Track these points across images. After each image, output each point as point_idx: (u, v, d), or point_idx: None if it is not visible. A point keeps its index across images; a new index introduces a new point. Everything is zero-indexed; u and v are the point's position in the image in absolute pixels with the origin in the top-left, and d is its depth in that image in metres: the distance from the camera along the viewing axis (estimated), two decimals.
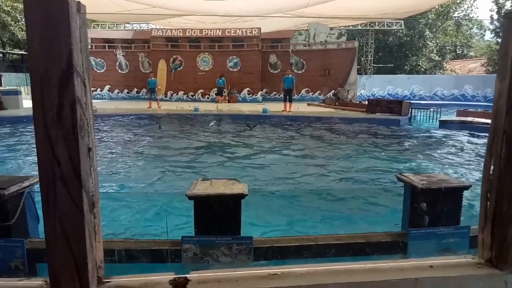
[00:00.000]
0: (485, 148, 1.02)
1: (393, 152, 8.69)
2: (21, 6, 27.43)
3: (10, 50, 32.77)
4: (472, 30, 40.43)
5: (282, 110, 15.70)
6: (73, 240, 0.82)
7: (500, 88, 0.94)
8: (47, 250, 0.83)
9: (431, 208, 2.59)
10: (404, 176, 2.86)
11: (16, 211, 2.60)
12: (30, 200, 2.80)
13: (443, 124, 12.16)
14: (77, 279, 0.84)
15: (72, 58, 0.76)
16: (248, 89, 21.59)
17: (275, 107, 16.10)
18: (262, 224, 4.14)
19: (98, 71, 22.42)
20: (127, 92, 22.70)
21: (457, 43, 38.45)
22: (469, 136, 10.60)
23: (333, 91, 20.61)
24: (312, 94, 21.97)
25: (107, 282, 0.92)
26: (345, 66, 21.20)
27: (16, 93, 16.40)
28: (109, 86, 22.70)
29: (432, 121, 13.52)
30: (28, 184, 2.70)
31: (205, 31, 21.47)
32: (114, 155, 8.06)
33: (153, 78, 17.48)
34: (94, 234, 0.87)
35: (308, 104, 19.22)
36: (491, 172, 0.99)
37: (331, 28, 22.30)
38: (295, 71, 21.31)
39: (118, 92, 22.82)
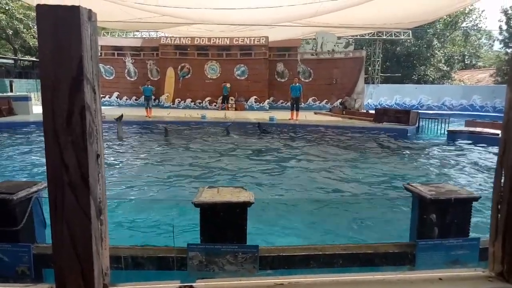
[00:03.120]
0: (493, 159, 1.00)
1: (400, 162, 8.63)
2: (33, 13, 27.92)
3: (22, 57, 33.34)
4: (480, 40, 40.31)
5: (289, 119, 15.72)
6: (79, 246, 0.82)
7: (511, 99, 0.93)
8: (53, 256, 0.83)
9: (440, 219, 2.55)
10: (412, 186, 2.83)
11: (23, 216, 2.62)
12: (38, 205, 2.82)
13: (451, 135, 12.05)
14: (83, 285, 0.84)
15: (82, 65, 0.77)
16: (255, 97, 21.67)
17: (282, 115, 16.13)
18: (267, 232, 4.12)
19: (107, 78, 22.67)
20: (135, 99, 22.88)
21: (466, 53, 38.32)
22: (477, 146, 10.49)
23: (340, 100, 20.59)
24: (319, 103, 21.97)
25: None
26: (353, 75, 21.20)
27: (26, 99, 16.63)
28: (118, 93, 22.93)
29: (440, 131, 13.41)
30: (36, 189, 2.72)
31: (213, 40, 21.66)
32: (121, 163, 8.11)
33: (149, 86, 17.19)
34: (101, 241, 0.87)
35: (315, 113, 19.21)
36: (502, 184, 0.97)
37: (339, 37, 22.34)
38: (303, 79, 21.35)
39: (126, 99, 23.04)
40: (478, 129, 11.91)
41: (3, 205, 2.48)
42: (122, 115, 11.68)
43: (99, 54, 21.26)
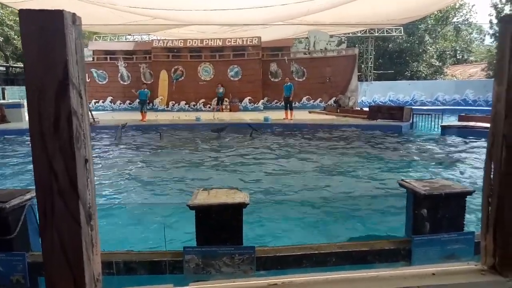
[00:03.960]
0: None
1: (395, 158, 8.66)
2: None
3: (13, 64, 33.10)
4: (472, 35, 40.60)
5: (284, 118, 15.73)
6: (70, 252, 0.81)
7: (498, 92, 0.94)
8: (44, 263, 0.82)
9: (434, 214, 2.57)
10: (406, 182, 2.84)
11: (17, 224, 2.60)
12: (32, 213, 2.79)
13: (445, 130, 12.12)
14: None
15: (67, 70, 0.76)
16: (249, 97, 21.66)
17: (277, 115, 16.14)
18: (264, 233, 4.11)
19: (100, 82, 22.56)
20: (129, 103, 22.79)
21: (457, 48, 38.56)
22: (471, 140, 10.56)
23: (334, 98, 20.64)
24: (313, 102, 22.01)
25: None
26: (346, 73, 21.26)
27: (19, 106, 16.50)
28: (111, 97, 22.82)
29: (434, 127, 13.49)
30: (30, 197, 2.70)
31: (205, 41, 21.63)
32: (114, 167, 8.07)
33: (145, 90, 16.94)
34: (92, 247, 0.87)
35: (310, 112, 19.25)
36: (491, 177, 0.98)
37: (331, 36, 22.41)
38: (296, 79, 21.38)
39: (120, 103, 22.94)
40: (471, 123, 11.99)
41: None
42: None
43: (92, 59, 21.07)
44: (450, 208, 2.61)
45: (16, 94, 26.19)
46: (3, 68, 31.76)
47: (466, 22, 37.51)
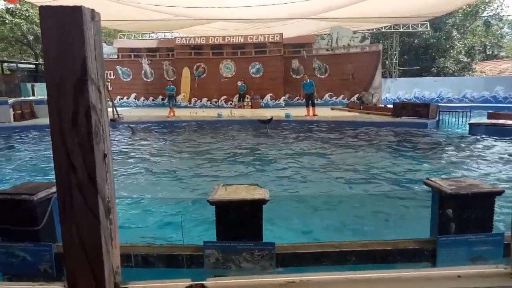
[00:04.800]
0: None
1: (420, 157, 8.45)
2: None
3: (43, 62, 34.22)
4: (503, 30, 39.04)
5: (305, 115, 15.62)
6: (89, 245, 0.83)
7: None
8: (64, 255, 0.84)
9: (461, 215, 2.48)
10: (431, 181, 2.76)
11: (44, 216, 2.68)
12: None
13: (473, 128, 11.70)
14: (94, 284, 0.85)
15: (86, 66, 0.77)
16: (271, 94, 21.62)
17: (298, 112, 16.04)
18: (285, 230, 4.10)
19: (125, 79, 23.04)
20: (152, 100, 23.21)
21: (487, 43, 37.17)
22: (500, 139, 10.17)
23: (357, 95, 20.31)
24: (336, 98, 21.74)
25: (124, 287, 0.92)
26: (369, 69, 20.88)
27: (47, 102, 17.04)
28: (135, 94, 23.29)
29: (462, 125, 13.07)
30: (56, 190, 2.78)
31: (227, 38, 21.71)
32: (135, 161, 8.22)
33: (171, 86, 17.57)
34: (111, 240, 0.88)
35: (332, 108, 19.03)
36: None
37: (354, 32, 22.04)
38: (318, 75, 21.18)
39: (143, 100, 23.38)
40: (501, 121, 11.51)
41: (24, 205, 2.55)
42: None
43: (117, 57, 21.54)
44: (478, 208, 2.51)
45: (44, 90, 26.94)
46: (33, 66, 32.86)
47: (497, 16, 36.08)
